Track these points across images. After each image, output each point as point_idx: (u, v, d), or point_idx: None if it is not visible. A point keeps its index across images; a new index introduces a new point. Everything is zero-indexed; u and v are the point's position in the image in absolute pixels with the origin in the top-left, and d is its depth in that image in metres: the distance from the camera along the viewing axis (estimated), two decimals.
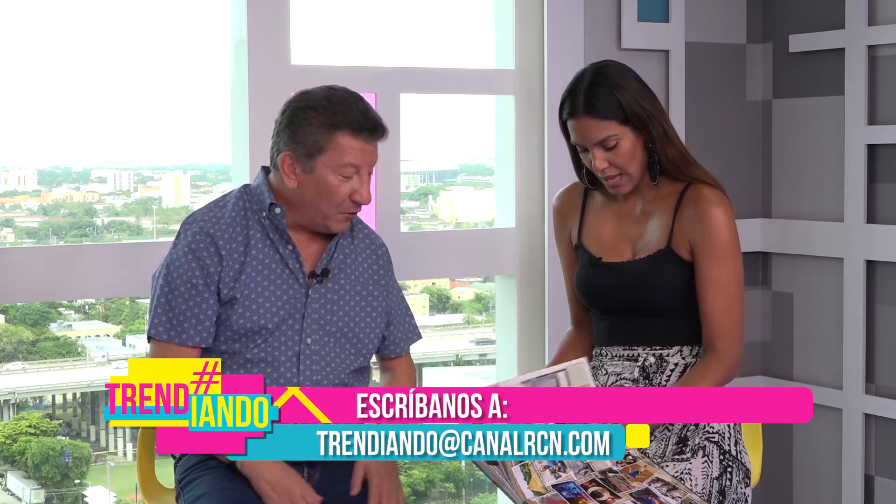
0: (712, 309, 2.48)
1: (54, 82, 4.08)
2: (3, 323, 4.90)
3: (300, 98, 2.43)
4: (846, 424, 3.51)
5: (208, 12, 3.70)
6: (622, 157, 2.48)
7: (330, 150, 2.37)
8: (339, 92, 2.41)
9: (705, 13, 3.66)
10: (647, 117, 2.48)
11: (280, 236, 2.44)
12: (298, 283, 2.45)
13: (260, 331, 2.42)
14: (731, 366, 2.48)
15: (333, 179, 2.38)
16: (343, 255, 2.51)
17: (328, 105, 2.38)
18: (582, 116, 2.48)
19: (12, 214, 4.56)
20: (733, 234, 2.50)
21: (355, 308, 2.50)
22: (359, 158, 2.39)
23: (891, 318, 3.44)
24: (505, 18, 3.45)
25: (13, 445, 5.12)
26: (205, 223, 2.44)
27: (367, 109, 2.41)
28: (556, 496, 2.26)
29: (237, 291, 2.41)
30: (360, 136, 2.38)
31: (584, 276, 2.60)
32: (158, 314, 2.43)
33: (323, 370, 2.45)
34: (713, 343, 2.48)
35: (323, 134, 2.37)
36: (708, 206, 2.48)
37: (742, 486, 2.46)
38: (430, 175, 4.88)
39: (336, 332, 2.47)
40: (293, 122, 2.40)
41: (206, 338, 2.43)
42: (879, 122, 3.45)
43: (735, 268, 2.49)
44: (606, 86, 2.47)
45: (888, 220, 3.42)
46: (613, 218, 2.60)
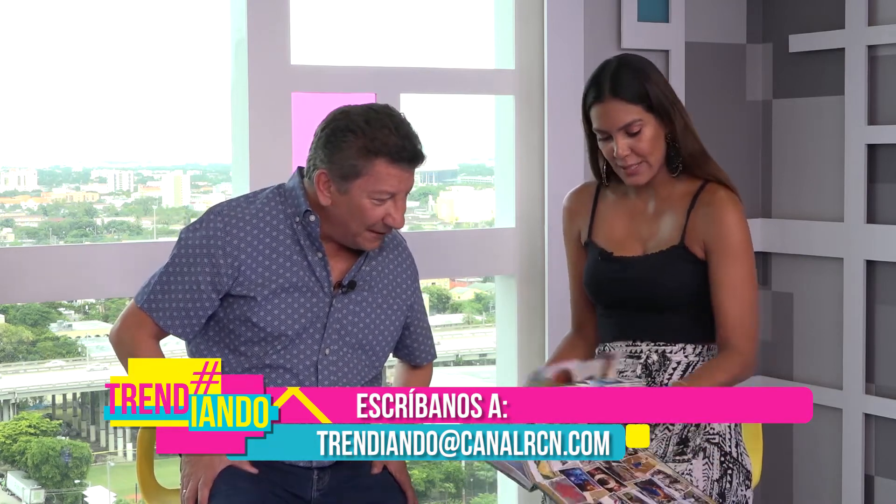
0: (728, 308, 2.49)
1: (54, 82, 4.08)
2: (3, 323, 4.90)
3: (341, 117, 2.37)
4: (846, 424, 3.51)
5: (208, 12, 3.70)
6: (645, 144, 2.49)
7: (366, 176, 2.33)
8: (380, 115, 2.36)
9: (705, 13, 3.66)
10: (671, 107, 2.51)
11: (311, 243, 2.42)
12: (323, 291, 2.43)
13: (280, 337, 2.40)
14: (745, 363, 2.49)
15: (368, 203, 2.35)
16: (370, 268, 2.49)
17: (367, 129, 2.33)
18: (609, 100, 2.49)
19: (12, 214, 4.56)
20: (747, 235, 2.52)
21: (375, 321, 2.49)
22: (395, 186, 2.35)
23: (891, 318, 3.44)
24: (505, 18, 3.44)
25: (13, 445, 5.12)
26: (230, 218, 2.41)
27: (408, 135, 2.36)
28: (565, 481, 2.27)
29: (257, 293, 2.39)
30: (399, 165, 2.34)
31: (595, 270, 2.61)
32: (156, 290, 2.42)
33: (340, 381, 2.44)
34: (728, 341, 2.49)
35: (360, 159, 2.33)
36: (723, 208, 2.50)
37: (743, 489, 2.46)
38: (430, 175, 4.88)
39: (354, 343, 2.46)
40: (331, 141, 2.35)
41: (189, 333, 2.42)
42: (879, 122, 3.45)
43: (749, 268, 2.52)
44: (633, 72, 2.50)
45: (888, 220, 3.42)
46: (625, 215, 2.61)
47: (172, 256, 2.42)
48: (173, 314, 2.40)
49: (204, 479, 2.30)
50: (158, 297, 2.41)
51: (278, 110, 3.09)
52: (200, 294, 2.39)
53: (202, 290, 2.39)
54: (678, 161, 2.54)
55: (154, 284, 2.42)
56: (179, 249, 2.42)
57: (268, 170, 3.05)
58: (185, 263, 2.40)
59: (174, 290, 2.40)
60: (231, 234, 2.39)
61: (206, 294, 2.39)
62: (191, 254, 2.40)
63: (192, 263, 2.39)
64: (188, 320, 2.40)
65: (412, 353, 2.63)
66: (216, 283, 2.39)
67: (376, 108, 2.38)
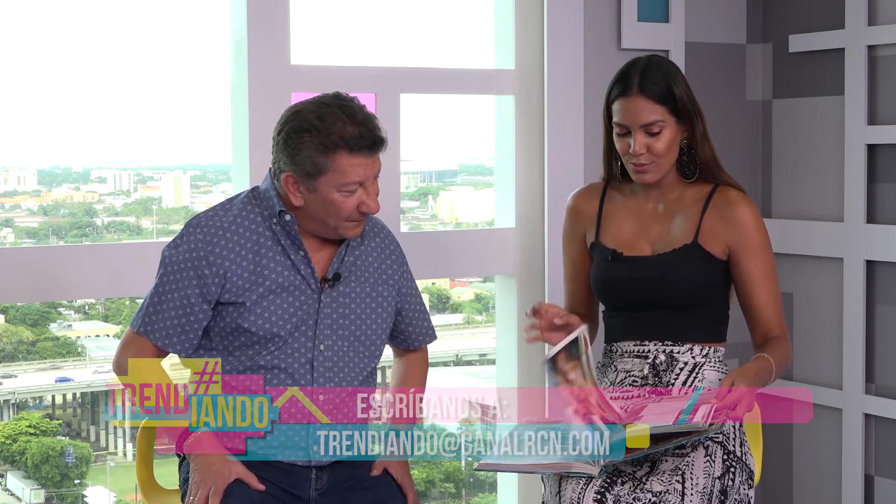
0: (764, 302, 2.56)
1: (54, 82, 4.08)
2: (3, 323, 4.90)
3: (293, 118, 2.36)
4: (846, 424, 3.51)
5: (208, 12, 3.70)
6: (662, 146, 2.52)
7: (330, 172, 2.34)
8: (332, 108, 2.34)
9: (705, 13, 3.66)
10: (694, 113, 2.55)
11: (292, 242, 2.42)
12: (311, 288, 2.43)
13: (273, 338, 2.40)
14: (791, 350, 2.58)
15: (338, 197, 2.36)
16: (353, 258, 2.49)
17: (321, 126, 2.32)
18: (636, 96, 2.51)
19: (12, 214, 4.55)
20: (765, 231, 2.59)
21: (366, 311, 2.49)
22: (361, 175, 2.35)
23: (891, 318, 3.44)
24: (505, 18, 3.44)
25: (13, 445, 5.11)
26: (210, 228, 2.41)
27: (364, 121, 2.34)
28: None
29: (246, 298, 2.39)
30: (360, 154, 2.34)
31: (604, 270, 2.62)
32: (149, 313, 2.42)
33: (336, 376, 2.44)
34: (771, 332, 2.56)
35: (320, 157, 2.33)
36: (741, 207, 2.56)
37: (745, 488, 2.46)
38: (430, 175, 4.88)
39: (349, 335, 2.46)
40: (289, 143, 2.35)
41: (188, 348, 2.42)
42: (879, 122, 3.45)
43: (772, 261, 2.60)
44: (662, 73, 2.53)
45: (888, 220, 3.42)
46: (633, 216, 2.63)
47: (160, 276, 2.43)
48: (169, 332, 2.40)
49: (214, 489, 2.29)
50: (152, 318, 2.41)
51: (278, 110, 3.07)
52: (192, 308, 2.39)
53: (193, 303, 2.39)
54: (694, 167, 2.56)
55: (146, 307, 2.43)
56: (165, 268, 2.42)
57: (267, 170, 3.05)
58: (173, 281, 2.41)
59: (166, 309, 2.40)
60: (212, 243, 2.40)
61: (197, 307, 2.39)
62: (176, 270, 2.40)
63: (179, 279, 2.40)
64: (185, 335, 2.41)
65: (408, 338, 2.62)
66: (206, 295, 2.39)
67: (327, 101, 2.36)
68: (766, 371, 2.44)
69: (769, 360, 2.45)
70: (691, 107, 2.54)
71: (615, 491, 2.33)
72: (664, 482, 2.36)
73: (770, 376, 2.45)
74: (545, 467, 2.34)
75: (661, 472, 2.38)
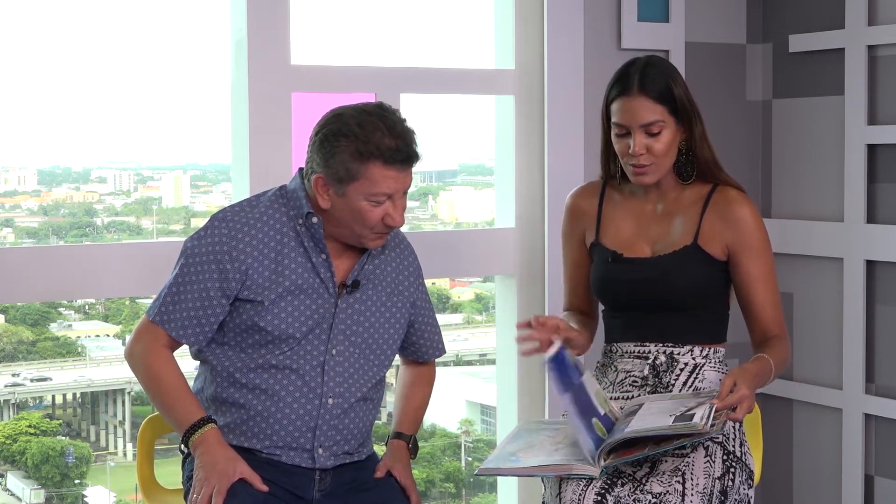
0: (763, 301, 2.56)
1: (54, 82, 4.08)
2: (3, 323, 4.90)
3: (334, 121, 2.37)
4: (846, 424, 3.51)
5: (208, 12, 3.70)
6: (661, 146, 2.51)
7: (362, 179, 2.33)
8: (373, 116, 2.35)
9: (705, 13, 3.66)
10: (693, 114, 2.54)
11: (315, 244, 2.42)
12: (329, 292, 2.43)
13: (287, 339, 2.40)
14: (789, 350, 2.59)
15: (366, 205, 2.35)
16: (373, 266, 2.49)
17: (360, 133, 2.32)
18: (636, 96, 2.50)
19: (12, 214, 4.55)
20: (765, 230, 2.59)
21: (380, 319, 2.49)
22: (391, 187, 2.35)
23: (891, 318, 3.44)
24: (505, 18, 3.44)
25: (13, 445, 5.12)
26: (235, 223, 2.41)
27: (401, 135, 2.35)
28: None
29: (264, 297, 2.38)
30: (393, 167, 2.34)
31: (605, 271, 2.62)
32: (167, 302, 2.41)
33: (346, 381, 2.43)
34: (770, 332, 2.56)
35: (354, 163, 2.33)
36: (741, 207, 2.56)
37: (745, 488, 2.46)
38: (430, 175, 4.88)
39: (361, 343, 2.46)
40: (325, 146, 2.35)
41: (202, 340, 2.42)
42: (879, 122, 3.45)
43: (772, 261, 2.59)
44: (662, 73, 2.52)
45: (888, 220, 3.42)
46: (632, 217, 2.63)
47: (180, 266, 2.42)
48: (185, 323, 2.40)
49: (218, 488, 2.29)
50: (169, 308, 2.40)
51: (278, 110, 3.09)
52: (211, 301, 2.39)
53: (212, 296, 2.38)
54: (692, 169, 2.56)
55: (164, 296, 2.42)
56: (187, 259, 2.41)
57: (268, 170, 3.05)
58: (194, 272, 2.40)
59: (184, 300, 2.39)
60: (237, 238, 2.39)
61: (216, 301, 2.39)
62: (198, 262, 2.40)
63: (200, 272, 2.39)
64: (200, 328, 2.40)
65: (418, 350, 2.63)
66: (225, 289, 2.38)
67: (369, 110, 2.37)
68: (766, 371, 2.44)
69: (768, 361, 2.45)
70: (690, 108, 2.54)
71: (615, 492, 2.32)
72: (664, 483, 2.36)
73: (769, 376, 2.46)
74: (545, 470, 2.34)
75: (661, 472, 2.38)
